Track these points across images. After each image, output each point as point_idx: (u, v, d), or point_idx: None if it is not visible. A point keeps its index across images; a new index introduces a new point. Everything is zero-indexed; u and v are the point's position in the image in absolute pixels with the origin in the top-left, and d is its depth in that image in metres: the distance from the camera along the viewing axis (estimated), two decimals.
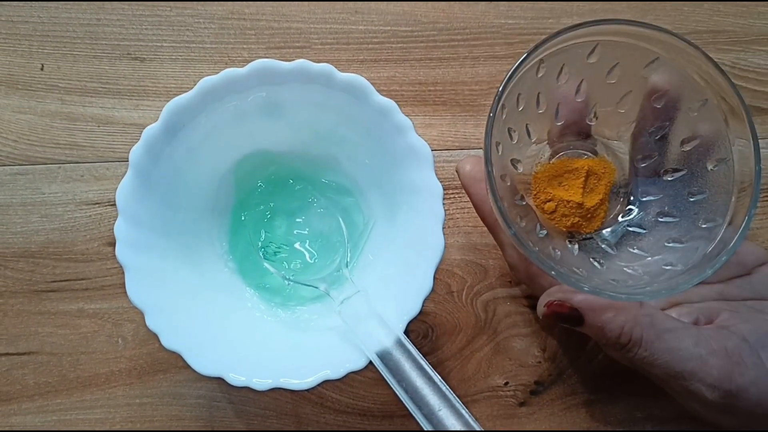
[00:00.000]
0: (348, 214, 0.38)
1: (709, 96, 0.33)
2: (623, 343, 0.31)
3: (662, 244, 0.35)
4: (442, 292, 0.40)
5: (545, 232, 0.36)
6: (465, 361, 0.39)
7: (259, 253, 0.37)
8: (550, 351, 0.40)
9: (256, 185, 0.38)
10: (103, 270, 0.39)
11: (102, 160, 0.40)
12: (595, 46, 0.33)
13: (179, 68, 0.41)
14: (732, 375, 0.30)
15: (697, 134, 0.34)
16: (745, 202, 0.31)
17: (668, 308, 0.35)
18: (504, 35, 0.42)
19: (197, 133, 0.34)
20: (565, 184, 0.37)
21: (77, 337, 0.39)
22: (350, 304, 0.34)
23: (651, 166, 0.36)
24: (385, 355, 0.32)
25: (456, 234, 0.41)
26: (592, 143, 0.38)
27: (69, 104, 0.41)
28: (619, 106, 0.36)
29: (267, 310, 0.37)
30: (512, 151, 0.36)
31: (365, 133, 0.35)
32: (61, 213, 0.40)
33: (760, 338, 0.31)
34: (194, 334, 0.33)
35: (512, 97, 0.33)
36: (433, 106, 0.42)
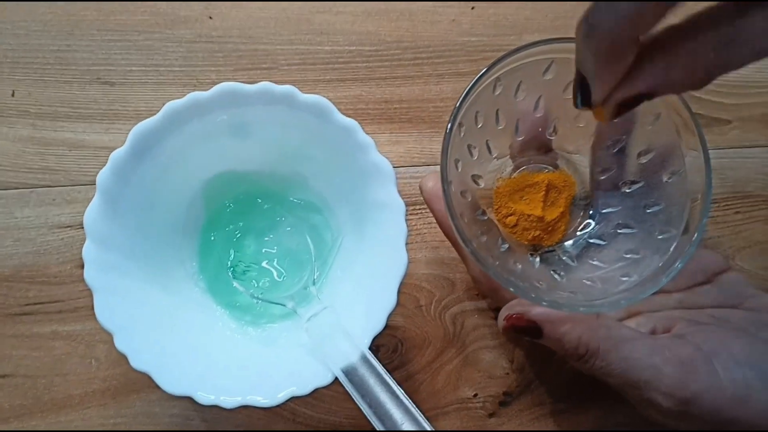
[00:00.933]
0: (316, 232, 0.39)
1: (662, 110, 0.34)
2: (581, 354, 0.32)
3: (621, 255, 0.35)
4: (411, 306, 0.41)
5: (507, 246, 0.37)
6: (434, 373, 0.40)
7: (228, 272, 0.38)
8: (517, 362, 0.40)
9: (224, 205, 0.39)
10: (75, 292, 0.40)
11: (74, 183, 0.41)
12: (550, 63, 0.34)
13: (149, 91, 0.42)
14: (686, 383, 0.30)
15: (653, 147, 0.35)
16: (698, 212, 0.32)
17: (627, 318, 0.36)
18: (467, 52, 0.43)
19: (165, 156, 0.35)
20: (526, 198, 0.37)
21: (51, 359, 0.39)
22: (317, 321, 0.35)
23: (610, 179, 0.37)
24: (351, 371, 0.32)
25: (423, 248, 0.41)
26: (553, 157, 0.39)
27: (41, 129, 0.41)
28: (577, 121, 0.37)
29: (237, 328, 0.37)
30: (473, 167, 0.37)
31: (330, 152, 0.36)
32: (34, 236, 0.40)
33: (714, 346, 0.31)
34: (164, 354, 0.33)
35: (470, 114, 0.34)
36: (399, 124, 0.42)
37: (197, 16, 0.43)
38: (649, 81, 0.25)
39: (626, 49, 0.24)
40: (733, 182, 0.43)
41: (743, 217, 0.43)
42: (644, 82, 0.25)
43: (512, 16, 0.43)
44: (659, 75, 0.24)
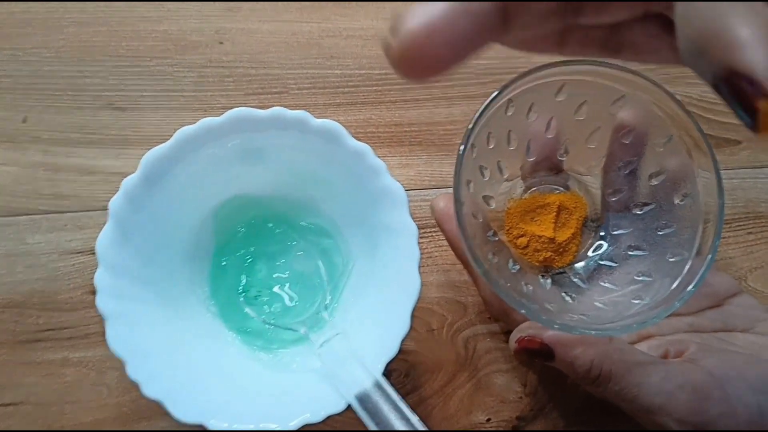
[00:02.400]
0: (328, 256, 0.39)
1: (673, 131, 0.34)
2: (593, 377, 0.32)
3: (632, 277, 0.35)
4: (423, 330, 0.40)
5: (518, 267, 0.37)
6: (447, 398, 0.40)
7: (240, 297, 0.38)
8: (530, 386, 0.40)
9: (236, 230, 0.39)
10: (86, 318, 0.40)
11: (85, 209, 0.41)
12: (561, 85, 0.34)
13: (160, 117, 0.42)
14: (699, 409, 0.30)
15: (664, 169, 0.35)
16: (710, 235, 0.32)
17: (639, 341, 0.36)
18: (477, 75, 0.43)
19: (177, 182, 0.35)
20: (538, 220, 0.37)
21: (62, 386, 0.39)
22: (330, 346, 0.34)
23: (621, 201, 0.37)
24: (364, 398, 0.32)
25: (435, 272, 0.41)
26: (564, 178, 0.39)
27: (52, 155, 0.41)
28: (588, 142, 0.37)
29: (249, 353, 0.37)
30: (484, 188, 0.37)
31: (342, 176, 0.36)
32: (45, 263, 0.40)
33: (727, 371, 0.31)
34: (175, 380, 0.33)
35: (482, 136, 0.34)
36: (409, 147, 0.42)
37: (208, 41, 0.43)
38: None
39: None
40: (744, 203, 0.43)
41: (755, 237, 0.43)
42: None
43: None
44: None
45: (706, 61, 0.18)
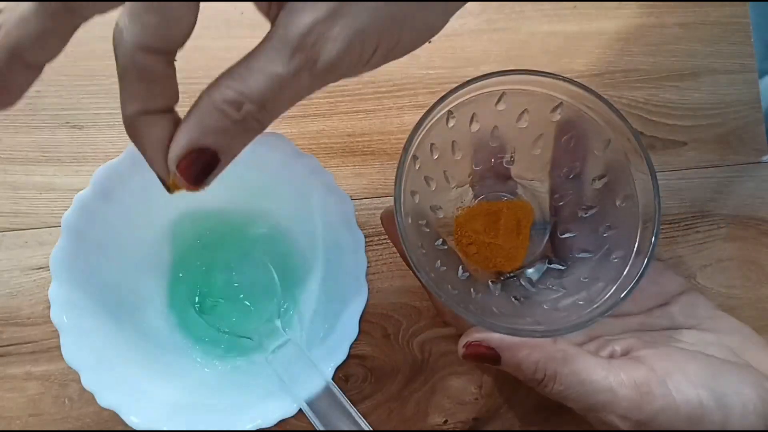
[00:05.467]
0: (281, 265, 0.40)
1: (611, 136, 0.35)
2: (538, 378, 0.33)
3: (579, 279, 0.36)
4: (379, 335, 0.41)
5: (467, 274, 0.38)
6: (404, 401, 0.40)
7: (194, 307, 0.39)
8: (486, 387, 0.41)
9: (192, 241, 0.40)
10: (48, 333, 0.40)
11: (45, 225, 0.41)
12: (501, 95, 0.35)
13: (117, 134, 0.43)
14: (641, 405, 0.31)
15: (605, 172, 0.36)
16: (649, 235, 0.33)
17: (587, 342, 0.36)
18: (426, 84, 0.44)
19: (129, 196, 0.36)
20: (486, 227, 0.38)
21: (25, 400, 0.39)
22: (282, 352, 0.35)
23: (568, 205, 0.38)
24: (314, 402, 0.33)
25: (389, 278, 0.42)
26: (512, 185, 0.40)
27: (11, 174, 0.42)
28: (533, 149, 0.38)
29: (206, 362, 0.38)
30: (431, 197, 0.38)
31: (291, 187, 0.37)
32: (7, 279, 0.41)
33: (668, 367, 0.32)
34: (132, 390, 0.34)
35: (425, 146, 0.35)
36: (362, 156, 0.43)
37: None
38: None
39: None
40: (691, 202, 0.44)
41: (703, 236, 0.44)
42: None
43: (469, 48, 0.44)
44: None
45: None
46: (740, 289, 0.44)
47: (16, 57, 0.23)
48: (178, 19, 0.23)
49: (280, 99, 0.24)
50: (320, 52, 0.23)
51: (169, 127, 0.24)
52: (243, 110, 0.24)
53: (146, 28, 0.22)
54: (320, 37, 0.23)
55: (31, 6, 0.23)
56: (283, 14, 0.23)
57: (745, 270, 0.44)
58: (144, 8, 0.22)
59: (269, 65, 0.23)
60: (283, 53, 0.23)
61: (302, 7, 0.23)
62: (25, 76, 0.25)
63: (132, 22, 0.22)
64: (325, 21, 0.23)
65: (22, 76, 0.24)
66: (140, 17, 0.22)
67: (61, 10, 0.23)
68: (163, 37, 0.23)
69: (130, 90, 0.24)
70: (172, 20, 0.22)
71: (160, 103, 0.24)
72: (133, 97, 0.24)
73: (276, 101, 0.24)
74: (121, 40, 0.22)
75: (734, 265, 0.44)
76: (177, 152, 0.24)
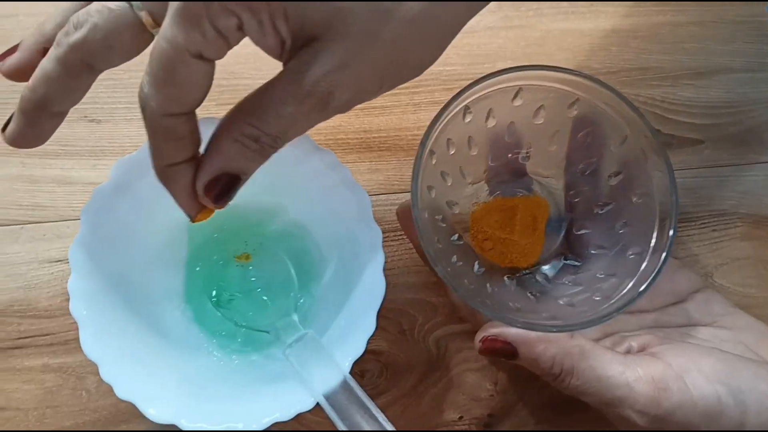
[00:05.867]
0: (298, 260, 0.40)
1: (628, 133, 0.35)
2: (555, 373, 0.33)
3: (594, 275, 0.36)
4: (395, 331, 0.41)
5: (483, 269, 0.38)
6: (419, 397, 0.41)
7: (211, 301, 0.39)
8: (501, 384, 0.41)
9: (209, 235, 0.40)
10: (66, 325, 0.40)
11: (63, 218, 0.42)
12: (518, 90, 0.35)
13: (134, 128, 0.43)
14: (658, 400, 0.31)
15: (622, 169, 0.36)
16: (666, 232, 0.33)
17: (603, 338, 0.36)
18: (442, 81, 0.44)
19: (148, 189, 0.36)
20: (502, 223, 0.38)
21: (43, 391, 0.40)
22: (299, 346, 0.35)
23: (583, 201, 0.38)
24: (331, 396, 0.33)
25: (405, 273, 0.42)
26: (527, 181, 0.40)
27: (30, 167, 0.42)
28: (549, 145, 0.38)
29: (223, 355, 0.38)
30: (447, 193, 0.38)
31: (308, 182, 0.37)
32: (25, 272, 0.41)
33: (685, 363, 0.32)
34: (149, 382, 0.34)
35: (441, 142, 0.35)
36: (378, 152, 0.43)
37: None
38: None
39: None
40: (707, 201, 0.44)
41: (719, 234, 0.44)
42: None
43: (486, 45, 0.45)
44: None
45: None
46: (756, 288, 0.43)
47: (44, 109, 0.28)
48: (196, 87, 0.25)
49: (293, 131, 0.27)
50: (330, 99, 0.26)
51: (192, 172, 0.27)
52: (260, 142, 0.27)
53: (168, 98, 0.25)
54: (330, 85, 0.25)
55: (55, 66, 0.27)
56: (295, 63, 0.25)
57: (761, 269, 0.44)
58: (164, 81, 0.24)
59: (283, 106, 0.26)
60: (296, 97, 0.25)
61: (313, 59, 0.25)
62: (53, 123, 0.30)
63: (155, 92, 0.24)
64: (334, 72, 0.25)
65: (51, 122, 0.29)
66: (161, 89, 0.24)
67: (82, 68, 0.27)
68: (184, 104, 0.26)
69: (160, 148, 0.26)
70: (190, 89, 0.25)
71: (185, 155, 0.27)
72: (162, 154, 0.27)
73: (289, 133, 0.27)
74: (147, 106, 0.25)
75: (750, 264, 0.44)
76: (203, 180, 0.27)
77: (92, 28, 0.26)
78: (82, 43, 0.26)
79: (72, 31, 0.27)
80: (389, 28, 0.25)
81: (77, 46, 0.27)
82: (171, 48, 0.24)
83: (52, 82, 0.27)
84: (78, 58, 0.27)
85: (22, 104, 0.28)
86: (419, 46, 0.27)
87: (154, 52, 0.24)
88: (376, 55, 0.26)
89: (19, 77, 0.30)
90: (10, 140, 0.30)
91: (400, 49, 0.26)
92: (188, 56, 0.24)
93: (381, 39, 0.25)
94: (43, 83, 0.27)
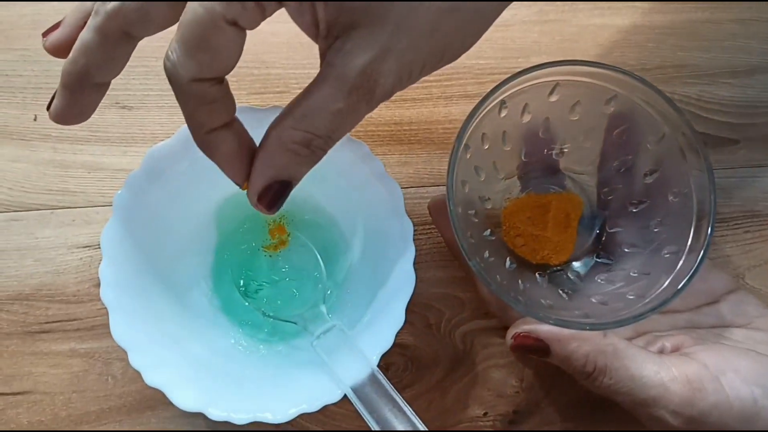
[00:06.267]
0: (327, 251, 0.40)
1: (666, 130, 0.34)
2: (588, 372, 0.32)
3: (628, 274, 0.36)
4: (421, 325, 0.41)
5: (514, 265, 0.37)
6: (444, 392, 0.40)
7: (239, 290, 0.39)
8: (527, 381, 0.41)
9: (238, 225, 0.40)
10: (93, 310, 0.41)
11: (92, 204, 0.42)
12: (554, 86, 0.35)
13: (165, 115, 0.43)
14: (693, 401, 0.31)
15: (658, 167, 0.35)
16: (703, 231, 0.32)
17: (635, 337, 0.36)
18: (475, 75, 0.44)
19: (179, 177, 0.36)
20: (534, 219, 0.38)
21: (69, 376, 0.40)
22: (327, 338, 0.35)
23: (617, 199, 0.38)
24: (359, 389, 0.33)
25: (433, 268, 0.42)
26: (560, 178, 0.39)
27: (61, 152, 0.43)
28: (583, 142, 0.37)
29: (250, 345, 0.38)
30: (480, 188, 0.37)
31: (340, 173, 0.37)
32: (54, 256, 0.41)
33: (721, 364, 0.32)
34: (177, 370, 0.34)
35: (476, 136, 0.34)
36: (408, 145, 0.43)
37: None
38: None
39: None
40: (742, 201, 0.43)
41: (753, 236, 0.43)
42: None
43: (520, 39, 0.44)
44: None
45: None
46: None
47: (86, 80, 0.28)
48: (228, 54, 0.25)
49: (342, 128, 0.27)
50: (375, 87, 0.26)
51: (233, 138, 0.27)
52: (311, 146, 0.27)
53: (200, 64, 0.24)
54: (374, 73, 0.25)
55: (94, 35, 0.27)
56: (335, 55, 0.25)
57: None
58: (197, 47, 0.24)
59: (330, 103, 0.26)
60: (342, 91, 0.25)
61: (355, 48, 0.25)
62: (96, 95, 0.29)
63: (186, 58, 0.24)
64: (376, 60, 0.25)
65: (93, 95, 0.29)
66: (194, 55, 0.24)
67: (120, 36, 0.27)
68: (216, 69, 0.25)
69: (194, 116, 0.26)
70: (222, 56, 0.25)
71: (221, 120, 0.27)
72: (198, 122, 0.27)
73: (339, 131, 0.27)
74: (176, 75, 0.25)
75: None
76: (256, 188, 0.28)
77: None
78: (118, 11, 0.26)
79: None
80: (429, 11, 0.25)
81: (114, 13, 0.26)
82: (207, 14, 0.23)
83: (91, 51, 0.27)
84: (115, 26, 0.27)
85: (64, 78, 0.28)
86: (459, 28, 0.27)
87: (186, 17, 0.24)
88: (417, 38, 0.25)
89: (61, 53, 0.29)
90: (55, 116, 0.29)
91: (440, 31, 0.26)
92: (223, 22, 0.24)
93: (421, 22, 0.25)
94: (83, 54, 0.27)
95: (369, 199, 0.36)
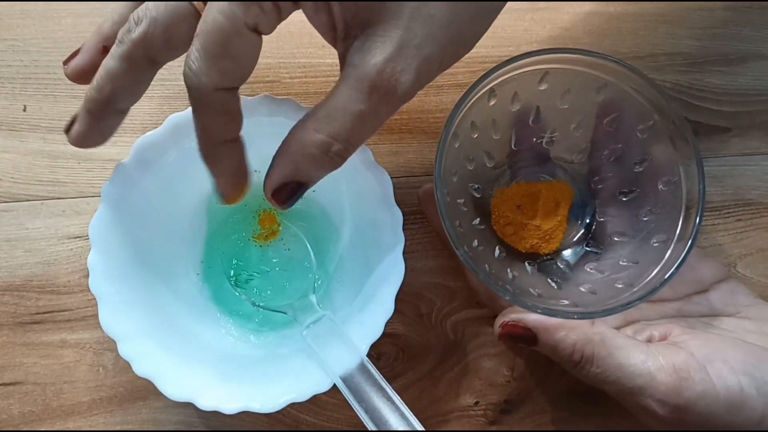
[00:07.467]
0: (317, 241, 0.40)
1: (656, 119, 0.34)
2: (575, 360, 0.32)
3: (617, 263, 0.36)
4: (412, 314, 0.41)
5: (504, 254, 0.37)
6: (436, 381, 0.40)
7: (230, 281, 0.39)
8: (518, 370, 0.41)
9: (228, 215, 0.40)
10: (84, 301, 0.41)
11: (82, 195, 0.42)
12: (544, 74, 0.34)
13: (155, 105, 0.43)
14: (680, 390, 0.31)
15: (648, 156, 0.35)
16: (692, 220, 0.32)
17: (624, 326, 0.36)
18: (466, 63, 0.43)
19: (168, 167, 0.36)
20: (524, 207, 0.38)
21: (60, 367, 0.40)
22: (316, 328, 0.35)
23: (607, 188, 0.38)
24: (348, 378, 0.33)
25: (424, 257, 0.42)
26: (550, 166, 0.39)
27: (51, 143, 0.42)
28: (573, 130, 0.37)
29: (240, 335, 0.38)
30: (469, 176, 0.37)
31: None
32: (44, 247, 0.41)
33: (708, 353, 0.32)
34: (167, 360, 0.34)
35: (465, 125, 0.34)
36: (399, 134, 0.43)
37: None
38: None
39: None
40: (733, 190, 0.43)
41: (744, 224, 0.43)
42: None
43: (510, 27, 0.44)
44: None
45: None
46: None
47: (111, 106, 0.29)
48: (249, 60, 0.26)
49: (364, 132, 0.27)
50: (396, 85, 0.26)
51: (239, 153, 0.29)
52: (331, 151, 0.27)
53: (223, 72, 0.25)
54: (393, 70, 0.26)
55: (120, 63, 0.27)
56: (353, 55, 0.26)
57: None
58: (219, 55, 0.25)
59: (351, 105, 0.26)
60: (362, 92, 0.26)
61: (372, 47, 0.25)
62: (117, 120, 0.30)
63: (209, 67, 0.25)
64: (394, 57, 0.25)
65: (115, 120, 0.30)
66: (216, 63, 0.25)
67: (145, 63, 0.28)
68: (238, 77, 0.26)
69: (210, 126, 0.27)
70: (244, 62, 0.26)
71: (234, 132, 0.28)
72: (213, 131, 0.27)
73: (360, 135, 0.28)
74: (199, 84, 0.26)
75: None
76: (273, 185, 0.29)
77: (152, 22, 0.27)
78: (144, 38, 0.27)
79: (133, 27, 0.27)
80: (443, 4, 0.25)
81: (139, 41, 0.27)
82: (228, 21, 0.24)
83: (117, 79, 0.28)
84: (141, 53, 0.27)
85: (89, 105, 0.29)
86: (473, 20, 0.27)
87: (206, 26, 0.25)
88: (434, 30, 0.26)
89: (83, 79, 0.30)
90: (76, 140, 0.30)
91: (455, 24, 0.26)
92: (245, 28, 0.24)
93: (437, 15, 0.25)
94: (109, 81, 0.28)
95: (359, 188, 0.36)
